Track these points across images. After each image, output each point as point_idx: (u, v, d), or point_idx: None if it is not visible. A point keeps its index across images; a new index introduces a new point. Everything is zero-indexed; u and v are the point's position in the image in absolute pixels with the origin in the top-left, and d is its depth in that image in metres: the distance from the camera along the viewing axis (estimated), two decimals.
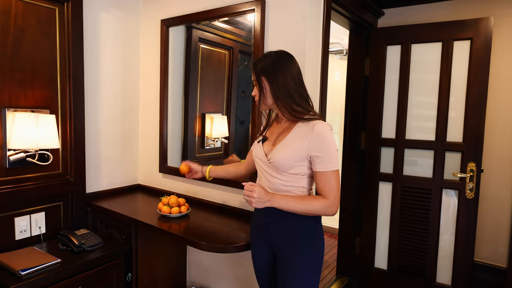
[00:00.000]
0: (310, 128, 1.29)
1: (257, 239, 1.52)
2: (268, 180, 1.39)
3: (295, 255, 1.35)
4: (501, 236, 2.50)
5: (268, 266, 1.51)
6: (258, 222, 1.50)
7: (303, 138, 1.30)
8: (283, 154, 1.32)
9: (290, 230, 1.36)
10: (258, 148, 1.45)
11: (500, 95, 2.47)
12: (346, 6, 2.23)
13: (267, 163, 1.37)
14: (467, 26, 2.32)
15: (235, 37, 2.51)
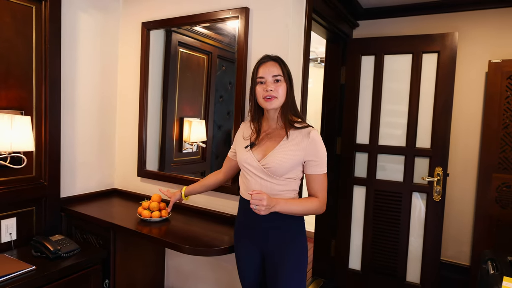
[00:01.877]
0: (305, 135, 1.37)
1: (247, 244, 1.51)
2: (261, 185, 1.41)
3: (290, 257, 1.40)
4: (465, 236, 2.67)
5: (257, 270, 1.53)
6: (252, 228, 1.48)
7: (299, 145, 1.37)
8: (281, 160, 1.36)
9: (286, 234, 1.42)
10: (247, 154, 1.44)
11: (463, 105, 2.65)
12: (325, 17, 2.32)
13: (261, 168, 1.39)
14: (434, 40, 2.49)
15: (214, 42, 2.54)
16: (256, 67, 1.44)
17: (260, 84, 1.40)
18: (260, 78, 1.40)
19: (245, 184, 1.49)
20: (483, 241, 2.48)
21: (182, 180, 2.23)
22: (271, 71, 1.39)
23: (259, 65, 1.43)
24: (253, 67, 1.47)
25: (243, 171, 1.50)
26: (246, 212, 1.45)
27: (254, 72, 1.44)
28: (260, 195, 1.26)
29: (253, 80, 1.45)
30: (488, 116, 2.45)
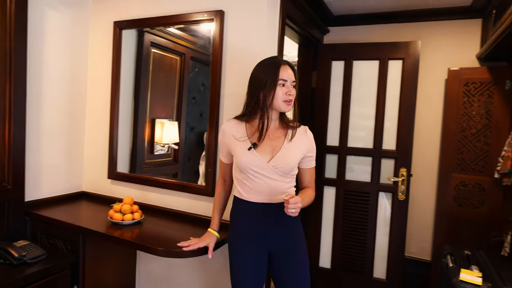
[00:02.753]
0: (303, 132, 1.49)
1: (253, 246, 1.48)
2: (270, 185, 1.42)
3: (300, 247, 1.51)
4: (426, 233, 2.84)
5: (263, 270, 1.51)
6: (262, 229, 1.46)
7: (301, 142, 1.47)
8: (290, 159, 1.43)
9: (296, 228, 1.51)
10: (253, 156, 1.42)
11: (426, 109, 2.82)
12: (297, 22, 2.39)
13: (271, 169, 1.41)
14: (399, 48, 2.63)
15: (187, 44, 2.53)
16: (278, 67, 1.39)
17: (281, 87, 1.39)
18: (283, 80, 1.38)
19: (248, 186, 1.45)
20: (443, 237, 2.64)
21: (154, 182, 2.21)
22: (291, 76, 1.40)
23: (280, 66, 1.39)
24: (270, 66, 1.40)
25: (247, 174, 1.44)
26: (253, 214, 1.45)
27: (275, 72, 1.38)
28: (295, 199, 1.28)
29: (269, 80, 1.37)
30: (447, 120, 2.62)
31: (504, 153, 2.34)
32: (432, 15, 2.71)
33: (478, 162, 2.53)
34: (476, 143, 2.53)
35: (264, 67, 1.42)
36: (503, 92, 2.43)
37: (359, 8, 2.77)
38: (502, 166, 2.35)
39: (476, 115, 2.53)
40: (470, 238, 2.55)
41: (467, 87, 2.54)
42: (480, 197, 2.53)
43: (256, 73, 1.44)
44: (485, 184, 2.50)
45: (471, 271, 1.65)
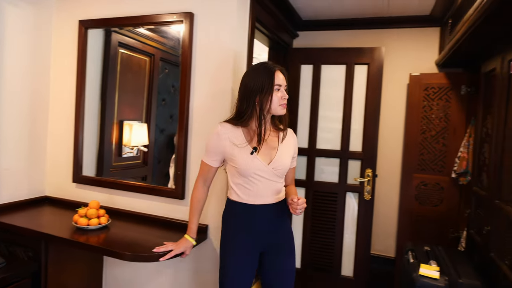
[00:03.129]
0: (291, 135, 1.58)
1: (249, 247, 1.50)
2: (269, 186, 1.49)
3: (291, 244, 1.60)
4: (391, 231, 2.96)
5: (253, 269, 1.54)
6: (260, 231, 1.50)
7: (290, 144, 1.56)
8: (286, 160, 1.51)
9: (288, 225, 1.61)
10: (256, 160, 1.45)
11: (390, 112, 2.95)
12: (267, 26, 2.43)
13: (271, 171, 1.47)
14: (365, 53, 2.73)
15: (157, 45, 2.50)
16: (272, 72, 1.42)
17: (277, 91, 1.43)
18: (278, 85, 1.42)
19: (249, 189, 1.48)
20: (405, 234, 2.77)
21: (122, 185, 2.16)
22: (284, 81, 1.46)
23: (275, 70, 1.43)
24: (265, 72, 1.43)
25: (249, 178, 1.46)
26: (251, 215, 1.49)
27: (270, 77, 1.41)
28: (302, 200, 1.39)
29: (266, 85, 1.40)
30: (409, 122, 2.76)
31: (460, 154, 2.50)
32: (394, 23, 2.84)
33: (437, 162, 2.68)
34: (435, 144, 2.67)
35: (258, 73, 1.44)
36: (459, 96, 2.59)
37: (326, 14, 2.85)
38: (458, 166, 2.50)
39: (435, 118, 2.67)
40: (431, 234, 2.69)
41: (426, 92, 2.69)
42: (439, 195, 2.67)
43: (250, 78, 1.45)
44: (443, 183, 2.65)
45: (430, 266, 1.75)
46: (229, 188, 1.55)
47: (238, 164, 1.45)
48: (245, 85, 1.46)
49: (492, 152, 1.82)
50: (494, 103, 1.85)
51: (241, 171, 1.46)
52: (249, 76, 1.47)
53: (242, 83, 1.48)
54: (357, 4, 2.59)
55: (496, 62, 1.84)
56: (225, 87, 1.93)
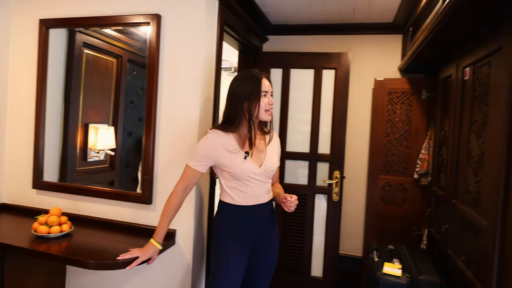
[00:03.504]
0: (275, 137, 1.69)
1: (242, 247, 1.56)
2: (261, 187, 1.58)
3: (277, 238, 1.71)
4: (358, 231, 3.05)
5: (244, 268, 1.59)
6: (254, 230, 1.58)
7: (276, 145, 1.67)
8: (274, 162, 1.61)
9: (275, 221, 1.71)
10: (249, 164, 1.52)
11: (356, 116, 3.04)
12: (236, 29, 2.43)
13: (263, 173, 1.55)
14: (332, 58, 2.81)
15: (124, 46, 2.45)
16: (259, 79, 1.49)
17: (264, 97, 1.50)
18: (265, 92, 1.49)
19: (244, 192, 1.54)
20: (372, 233, 2.86)
21: (86, 191, 2.09)
22: (270, 88, 1.53)
23: (262, 77, 1.50)
24: (252, 79, 1.49)
25: (244, 181, 1.52)
26: (246, 216, 1.56)
27: (257, 84, 1.48)
28: (295, 197, 1.52)
29: (254, 92, 1.47)
30: (374, 126, 2.85)
31: (422, 155, 2.61)
32: (360, 29, 2.94)
33: (401, 164, 2.79)
34: (399, 147, 2.79)
35: (246, 80, 1.50)
36: (420, 101, 2.71)
37: (295, 19, 2.90)
38: (420, 167, 2.61)
39: (398, 122, 2.78)
40: (396, 233, 2.79)
41: (390, 96, 2.80)
42: (403, 195, 2.78)
43: (238, 86, 1.51)
44: (407, 184, 2.77)
45: (393, 264, 1.82)
46: (222, 192, 1.59)
47: (234, 169, 1.50)
48: (234, 92, 1.51)
49: (449, 154, 1.92)
50: (450, 107, 1.96)
51: (236, 176, 1.51)
52: (237, 84, 1.52)
53: (230, 90, 1.53)
54: (324, 10, 2.65)
55: (452, 69, 1.95)
56: (194, 89, 1.91)
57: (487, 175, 1.39)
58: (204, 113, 1.98)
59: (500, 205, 1.26)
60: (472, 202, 1.56)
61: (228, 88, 1.55)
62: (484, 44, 1.50)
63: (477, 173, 1.52)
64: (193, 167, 1.56)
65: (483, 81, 1.52)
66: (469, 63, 1.67)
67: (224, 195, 1.59)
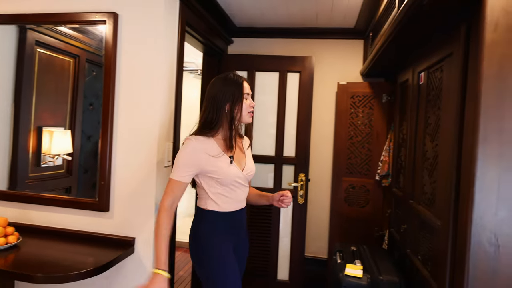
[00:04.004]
0: (247, 140, 1.72)
1: (230, 247, 1.55)
2: (244, 191, 1.59)
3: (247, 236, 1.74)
4: (323, 232, 3.08)
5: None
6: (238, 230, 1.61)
7: (248, 148, 1.69)
8: (253, 165, 1.64)
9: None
10: (234, 169, 1.51)
11: (321, 119, 3.08)
12: (199, 31, 2.39)
13: (245, 177, 1.57)
14: (296, 62, 2.83)
15: (82, 45, 2.33)
16: (241, 82, 1.51)
17: (245, 100, 1.52)
18: (247, 94, 1.52)
19: (228, 197, 1.53)
20: (336, 235, 2.90)
21: (38, 199, 1.96)
22: (250, 90, 1.56)
23: (243, 80, 1.52)
24: (233, 82, 1.50)
25: (230, 186, 1.51)
26: (230, 222, 1.55)
27: (239, 86, 1.49)
28: (289, 192, 1.61)
29: (236, 95, 1.48)
30: (338, 129, 2.90)
31: (383, 157, 2.69)
32: (323, 34, 2.99)
33: (363, 166, 2.85)
34: (361, 149, 2.85)
35: (227, 83, 1.50)
36: (381, 104, 2.79)
37: (260, 22, 2.90)
38: (381, 169, 2.69)
39: (361, 124, 2.85)
40: (359, 234, 2.85)
41: (353, 100, 2.86)
42: (365, 197, 2.85)
43: (219, 89, 1.50)
44: (369, 185, 2.83)
45: (355, 266, 1.84)
46: (205, 199, 1.53)
47: (220, 174, 1.47)
48: (214, 96, 1.49)
49: (407, 156, 1.98)
50: (407, 111, 2.02)
51: (223, 181, 1.48)
52: (218, 87, 1.51)
53: (210, 94, 1.51)
54: (288, 14, 2.67)
55: (409, 74, 2.02)
56: (154, 91, 1.85)
57: (440, 176, 1.44)
58: (164, 115, 1.92)
59: (452, 205, 1.30)
60: (428, 203, 1.61)
61: (207, 92, 1.54)
62: (436, 50, 1.55)
63: (431, 175, 1.57)
64: (178, 179, 1.46)
65: (436, 85, 1.57)
66: (424, 68, 1.73)
67: (207, 203, 1.52)
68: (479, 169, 1.14)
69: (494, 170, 1.13)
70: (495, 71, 1.13)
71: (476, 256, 1.16)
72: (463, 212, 1.21)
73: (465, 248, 1.18)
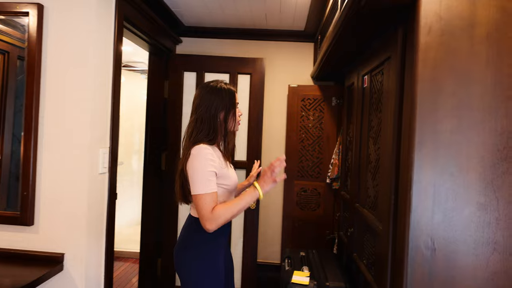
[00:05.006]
0: None
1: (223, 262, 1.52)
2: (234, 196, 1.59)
3: None
4: (276, 237, 3.03)
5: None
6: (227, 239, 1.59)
7: None
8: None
9: None
10: (235, 174, 1.56)
11: (273, 122, 3.04)
12: (142, 29, 2.25)
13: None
14: (247, 63, 2.77)
15: (12, 40, 2.09)
16: (233, 92, 1.53)
17: (237, 109, 1.55)
18: (237, 103, 1.55)
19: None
20: (288, 239, 2.87)
21: None
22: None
23: (234, 91, 1.54)
24: (227, 91, 1.50)
25: (233, 193, 1.54)
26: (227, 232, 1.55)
27: (232, 97, 1.51)
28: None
29: (230, 104, 1.49)
30: (289, 132, 2.88)
31: (333, 160, 2.70)
32: (274, 36, 2.96)
33: (314, 169, 2.85)
34: (312, 152, 2.84)
35: (221, 93, 1.49)
36: (331, 107, 2.81)
37: (209, 22, 2.81)
38: (331, 172, 2.69)
39: (312, 127, 2.85)
40: (312, 237, 2.83)
41: (303, 103, 2.85)
42: (316, 200, 2.84)
43: (213, 99, 1.48)
44: (320, 188, 2.83)
45: (302, 272, 1.80)
46: None
47: (230, 180, 1.48)
48: (209, 106, 1.47)
49: (353, 159, 1.98)
50: (353, 114, 2.03)
51: (231, 188, 1.48)
52: (212, 97, 1.48)
53: (204, 105, 1.47)
54: (237, 15, 2.61)
55: (354, 77, 2.02)
56: (85, 91, 1.69)
57: (382, 180, 1.43)
58: (98, 117, 1.76)
59: (392, 209, 1.29)
60: (371, 206, 1.60)
61: (199, 101, 1.49)
62: (377, 54, 1.56)
63: (374, 178, 1.57)
64: (210, 192, 1.34)
65: (377, 88, 1.58)
66: (367, 71, 1.73)
67: None
68: (415, 173, 1.13)
69: (429, 174, 1.12)
70: (429, 74, 1.12)
71: (414, 260, 1.15)
72: (402, 216, 1.20)
73: (403, 252, 1.16)
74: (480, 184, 1.12)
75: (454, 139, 1.12)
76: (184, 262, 1.45)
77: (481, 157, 1.12)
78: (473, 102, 1.12)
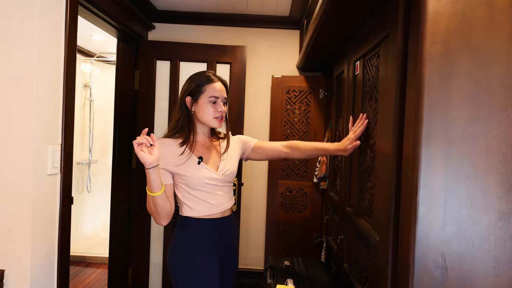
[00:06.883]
0: (236, 139, 1.61)
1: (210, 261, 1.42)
2: (225, 192, 1.48)
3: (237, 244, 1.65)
4: (260, 242, 2.80)
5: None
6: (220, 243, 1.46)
7: (234, 146, 1.56)
8: (234, 163, 1.52)
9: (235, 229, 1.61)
10: (204, 170, 1.41)
11: (256, 115, 2.79)
12: (107, 12, 1.98)
13: (222, 178, 1.44)
14: (227, 51, 2.52)
15: None
16: (211, 79, 1.42)
17: (212, 104, 1.41)
18: (214, 97, 1.41)
19: (205, 201, 1.42)
20: (273, 244, 2.64)
21: None
22: (223, 94, 1.44)
23: (209, 83, 1.41)
24: (199, 76, 1.43)
25: (202, 188, 1.41)
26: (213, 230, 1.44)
27: (201, 89, 1.41)
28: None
29: (197, 96, 1.41)
30: (273, 126, 2.64)
31: (321, 158, 2.48)
32: (256, 22, 2.72)
33: (300, 168, 2.62)
34: None
35: (192, 77, 1.45)
36: (318, 100, 2.59)
37: (184, 5, 2.55)
38: (319, 170, 2.47)
39: (297, 122, 2.62)
40: (298, 242, 2.62)
41: (288, 95, 2.62)
42: (303, 201, 2.62)
43: (185, 84, 1.46)
44: (307, 188, 2.61)
45: (286, 286, 1.57)
46: (180, 205, 1.46)
47: (187, 176, 1.40)
48: (182, 94, 1.46)
49: (343, 156, 1.76)
50: (343, 106, 1.81)
51: (190, 183, 1.40)
52: (185, 83, 1.46)
53: (181, 92, 1.48)
54: None
55: (344, 64, 1.80)
56: (26, 81, 1.42)
57: (379, 182, 1.22)
58: (44, 111, 1.49)
59: (392, 218, 1.07)
60: (366, 212, 1.39)
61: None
62: (372, 32, 1.33)
63: (369, 179, 1.35)
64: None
65: (372, 74, 1.35)
66: (359, 56, 1.51)
67: (183, 209, 1.45)
68: (422, 175, 0.91)
69: (440, 176, 0.90)
70: (439, 51, 0.90)
71: (421, 281, 0.93)
72: (405, 227, 0.97)
73: (407, 272, 0.94)
74: (501, 188, 0.90)
75: (469, 132, 0.90)
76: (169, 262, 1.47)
77: (502, 155, 0.90)
78: (492, 85, 0.90)
